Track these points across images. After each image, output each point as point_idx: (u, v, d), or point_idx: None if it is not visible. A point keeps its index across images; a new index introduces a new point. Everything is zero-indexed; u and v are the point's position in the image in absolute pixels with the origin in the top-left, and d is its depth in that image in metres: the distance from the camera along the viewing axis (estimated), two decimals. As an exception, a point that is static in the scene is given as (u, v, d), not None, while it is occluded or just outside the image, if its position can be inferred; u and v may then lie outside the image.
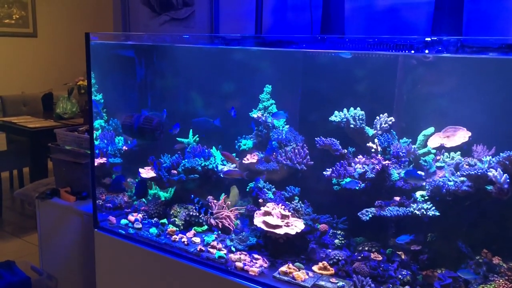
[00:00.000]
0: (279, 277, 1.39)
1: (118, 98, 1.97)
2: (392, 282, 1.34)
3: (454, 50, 1.31)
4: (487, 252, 1.31)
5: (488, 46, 1.31)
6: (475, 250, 1.32)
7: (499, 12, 1.80)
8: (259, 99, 1.72)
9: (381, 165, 1.37)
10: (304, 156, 1.58)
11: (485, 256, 1.31)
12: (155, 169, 1.73)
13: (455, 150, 1.43)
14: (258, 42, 1.73)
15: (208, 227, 1.67)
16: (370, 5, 2.09)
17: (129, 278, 1.70)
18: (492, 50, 1.30)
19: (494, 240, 1.30)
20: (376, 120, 1.49)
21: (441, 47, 1.33)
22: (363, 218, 1.37)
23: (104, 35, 1.75)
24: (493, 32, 1.83)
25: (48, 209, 2.75)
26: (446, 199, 1.33)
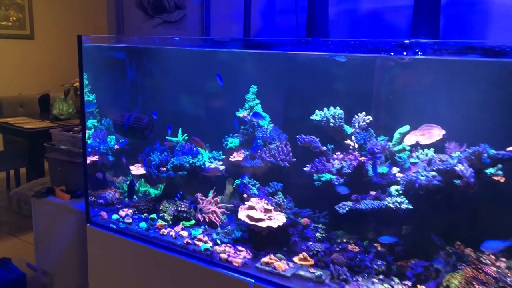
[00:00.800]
0: (261, 267, 1.46)
1: (110, 98, 2.03)
2: (368, 271, 1.41)
3: (431, 52, 1.39)
4: (460, 244, 1.39)
5: (461, 49, 1.38)
6: (446, 241, 1.40)
7: (476, 15, 1.88)
8: (245, 99, 1.79)
9: (358, 161, 1.44)
10: (287, 154, 1.65)
11: (457, 248, 1.39)
12: (145, 166, 1.81)
13: (430, 147, 1.50)
14: (245, 44, 1.80)
15: (196, 221, 1.74)
16: (354, 9, 2.17)
17: (119, 270, 1.76)
18: (465, 52, 1.37)
19: (463, 231, 1.37)
20: (354, 119, 1.56)
21: (418, 49, 1.40)
22: (340, 211, 1.45)
23: (96, 37, 1.81)
24: (470, 35, 1.91)
25: (43, 207, 2.81)
26: (419, 193, 1.40)
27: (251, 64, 1.84)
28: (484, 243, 1.27)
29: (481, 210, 1.35)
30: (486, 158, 1.27)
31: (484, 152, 1.27)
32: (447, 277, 1.35)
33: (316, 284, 1.38)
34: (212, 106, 1.87)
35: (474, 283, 1.30)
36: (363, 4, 2.14)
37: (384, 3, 2.07)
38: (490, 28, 1.85)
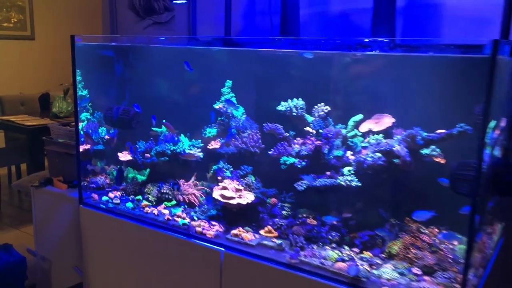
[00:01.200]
0: (230, 238, 1.67)
1: (101, 93, 2.24)
2: (323, 241, 1.61)
3: (387, 49, 1.58)
4: (409, 219, 1.59)
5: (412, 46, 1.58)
6: (391, 213, 1.60)
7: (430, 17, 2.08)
8: (221, 92, 1.99)
9: (314, 145, 1.65)
10: (256, 141, 1.86)
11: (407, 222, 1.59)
12: (131, 153, 2.01)
13: (381, 133, 1.70)
14: (225, 42, 2.01)
15: (177, 202, 1.94)
16: (324, 11, 2.37)
17: (109, 244, 1.97)
18: (416, 49, 1.57)
19: (405, 205, 1.57)
20: (314, 109, 1.76)
21: (374, 47, 1.60)
22: (299, 188, 1.65)
23: (87, 37, 2.02)
24: (426, 34, 2.11)
25: (42, 196, 3.01)
26: (367, 172, 1.61)
27: (227, 61, 2.05)
28: (414, 213, 1.47)
29: (418, 185, 1.56)
30: (420, 139, 1.47)
31: (417, 134, 1.47)
32: (390, 244, 1.55)
33: (277, 251, 1.59)
34: (193, 100, 2.08)
35: (411, 248, 1.51)
36: (333, 6, 2.35)
37: (350, 5, 2.27)
38: (443, 28, 2.06)
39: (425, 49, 1.50)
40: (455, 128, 1.42)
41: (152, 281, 1.84)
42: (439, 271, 1.43)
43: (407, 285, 1.38)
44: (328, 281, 1.43)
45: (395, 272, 1.44)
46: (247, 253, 1.59)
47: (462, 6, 1.99)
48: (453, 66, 1.46)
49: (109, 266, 1.98)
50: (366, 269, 1.44)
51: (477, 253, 1.39)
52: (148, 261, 1.83)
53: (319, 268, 1.48)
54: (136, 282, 1.89)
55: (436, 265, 1.44)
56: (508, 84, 1.31)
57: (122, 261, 1.93)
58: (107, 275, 2.00)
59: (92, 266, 2.05)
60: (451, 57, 1.44)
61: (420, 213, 1.45)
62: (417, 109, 1.66)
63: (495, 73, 1.09)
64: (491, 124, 1.26)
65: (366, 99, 1.79)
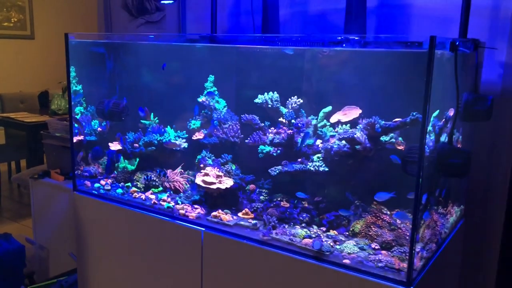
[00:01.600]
0: (210, 219, 1.83)
1: (93, 88, 2.40)
2: (294, 221, 1.77)
3: (358, 46, 1.73)
4: (376, 203, 1.74)
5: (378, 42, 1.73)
6: (356, 195, 1.75)
7: (400, 16, 2.23)
8: (204, 87, 2.15)
9: (286, 134, 1.80)
10: (236, 131, 2.02)
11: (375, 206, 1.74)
12: (121, 143, 2.17)
13: (348, 123, 1.86)
14: (211, 39, 2.16)
15: (163, 189, 2.10)
16: (304, 11, 2.53)
17: (101, 228, 2.13)
18: (381, 45, 1.72)
19: (368, 187, 1.73)
20: (288, 101, 1.92)
21: (345, 44, 1.75)
22: (272, 173, 1.81)
23: (80, 34, 2.18)
24: (396, 32, 2.26)
25: (40, 188, 3.17)
26: (335, 159, 1.76)
27: (210, 57, 2.20)
28: (376, 194, 1.63)
29: (379, 169, 1.71)
30: (378, 127, 1.62)
31: (376, 122, 1.62)
32: (354, 223, 1.71)
33: (252, 230, 1.75)
34: (178, 93, 2.23)
35: (372, 227, 1.66)
36: (311, 6, 2.50)
37: (327, 6, 2.42)
38: (411, 26, 2.21)
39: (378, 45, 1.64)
40: (409, 117, 1.57)
41: (139, 260, 1.99)
42: (396, 246, 1.58)
43: (365, 257, 1.53)
44: (296, 255, 1.58)
45: (356, 247, 1.59)
46: (225, 232, 1.75)
47: (428, 6, 2.15)
48: (407, 61, 1.61)
49: (101, 248, 2.14)
50: (330, 244, 1.59)
51: (426, 230, 1.55)
52: (136, 242, 1.99)
53: (288, 244, 1.63)
54: (125, 261, 2.05)
55: (393, 241, 1.60)
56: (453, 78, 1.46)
57: (113, 243, 2.08)
58: (99, 256, 2.16)
59: (85, 249, 2.20)
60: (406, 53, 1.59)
61: (381, 194, 1.60)
62: (380, 100, 1.82)
63: (432, 66, 1.24)
64: (435, 113, 1.41)
65: (336, 92, 1.94)
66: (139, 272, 2.01)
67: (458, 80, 1.45)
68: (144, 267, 1.98)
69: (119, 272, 2.09)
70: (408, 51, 1.51)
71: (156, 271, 1.95)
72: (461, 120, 1.65)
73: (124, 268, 2.06)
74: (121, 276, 2.09)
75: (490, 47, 1.90)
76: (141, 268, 2.00)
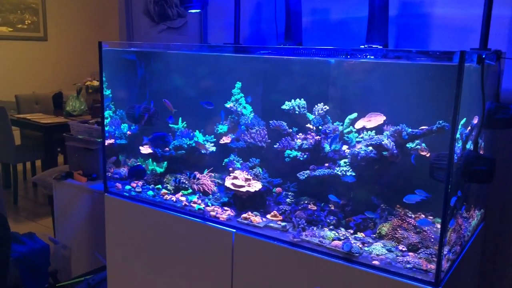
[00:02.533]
0: (240, 221, 1.90)
1: (123, 93, 2.49)
2: (322, 224, 1.85)
3: (378, 56, 1.81)
4: (400, 207, 1.81)
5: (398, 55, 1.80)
6: (381, 199, 1.83)
7: (420, 26, 2.30)
8: (232, 93, 2.23)
9: (314, 140, 1.88)
10: (263, 136, 2.10)
11: (399, 209, 1.81)
12: (152, 147, 2.26)
13: (373, 129, 1.93)
14: (233, 49, 2.24)
15: (192, 191, 2.18)
16: (325, 19, 2.60)
17: (131, 229, 2.21)
18: (400, 57, 1.79)
19: (395, 192, 1.80)
20: (314, 108, 2.00)
21: (367, 54, 1.83)
22: (300, 177, 1.89)
23: (112, 43, 2.26)
24: (417, 41, 2.34)
25: (63, 188, 3.26)
26: (361, 164, 1.84)
27: (237, 64, 2.28)
28: (405, 197, 1.70)
29: (405, 175, 1.79)
30: (405, 135, 1.70)
31: (402, 130, 1.70)
32: (380, 226, 1.78)
33: (281, 232, 1.82)
34: (206, 99, 2.31)
35: (398, 229, 1.74)
36: (333, 15, 2.58)
37: (348, 14, 2.50)
38: (431, 36, 2.28)
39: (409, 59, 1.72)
40: (435, 125, 1.65)
41: (169, 260, 2.08)
42: (423, 248, 1.66)
43: (393, 259, 1.61)
44: (326, 256, 1.66)
45: (383, 249, 1.67)
46: (255, 233, 1.82)
47: (449, 15, 2.22)
48: (433, 71, 1.69)
49: (131, 248, 2.22)
50: (359, 246, 1.67)
51: (452, 233, 1.62)
52: (167, 243, 2.07)
53: (318, 245, 1.71)
54: (155, 262, 2.13)
55: (419, 243, 1.67)
56: (477, 87, 1.53)
57: (143, 243, 2.16)
58: (129, 257, 2.24)
59: (115, 250, 2.28)
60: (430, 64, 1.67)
61: (411, 197, 1.68)
62: (405, 108, 1.89)
63: (462, 79, 1.31)
64: (462, 121, 1.49)
65: (361, 99, 2.02)
66: (169, 272, 2.09)
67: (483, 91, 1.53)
68: (175, 267, 2.07)
69: (149, 273, 2.17)
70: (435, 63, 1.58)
71: (186, 272, 2.03)
72: (484, 128, 1.72)
73: (154, 268, 2.15)
74: (151, 276, 2.17)
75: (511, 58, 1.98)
76: (172, 268, 2.08)
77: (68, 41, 7.42)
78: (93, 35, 7.50)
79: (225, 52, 2.15)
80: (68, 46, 7.41)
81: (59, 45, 7.35)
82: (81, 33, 7.49)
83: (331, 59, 1.96)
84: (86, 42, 7.46)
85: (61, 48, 7.36)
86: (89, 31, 7.57)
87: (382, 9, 2.07)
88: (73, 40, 7.43)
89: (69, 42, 7.42)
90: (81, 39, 7.49)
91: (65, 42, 7.39)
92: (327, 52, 1.85)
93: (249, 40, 2.82)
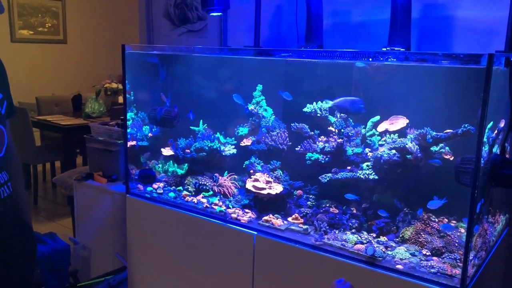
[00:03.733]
0: (262, 223, 1.91)
1: (144, 95, 2.51)
2: (344, 227, 1.84)
3: (401, 59, 1.80)
4: (427, 213, 1.80)
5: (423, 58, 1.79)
6: (404, 203, 1.82)
7: (443, 29, 2.28)
8: (253, 95, 2.23)
9: (336, 142, 1.88)
10: (284, 139, 2.10)
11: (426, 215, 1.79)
12: (173, 148, 2.27)
13: (396, 133, 1.92)
14: (255, 51, 2.25)
15: (213, 192, 2.19)
16: (346, 21, 2.59)
17: (153, 230, 2.23)
18: (426, 60, 1.78)
19: (418, 195, 1.79)
20: (337, 111, 1.99)
21: (391, 56, 1.82)
22: (322, 180, 1.88)
23: (135, 46, 2.28)
24: (440, 44, 2.31)
25: (83, 189, 3.28)
26: (384, 167, 1.83)
27: (258, 67, 2.29)
28: (429, 203, 1.69)
29: (427, 178, 1.77)
30: (429, 138, 1.68)
31: (427, 133, 1.68)
32: (403, 230, 1.77)
33: (303, 235, 1.82)
34: (227, 102, 2.32)
35: (421, 233, 1.72)
36: (354, 17, 2.57)
37: (370, 17, 2.48)
38: (454, 38, 2.26)
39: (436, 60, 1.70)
40: (460, 129, 1.63)
41: (190, 262, 2.09)
42: (447, 253, 1.64)
43: (417, 263, 1.59)
44: (348, 260, 1.65)
45: (407, 253, 1.65)
46: (277, 236, 1.82)
47: (472, 18, 2.19)
48: (457, 74, 1.67)
49: (152, 249, 2.24)
50: (382, 250, 1.66)
51: (478, 238, 1.60)
52: (187, 244, 2.08)
53: (341, 249, 1.70)
54: (176, 263, 2.14)
55: (443, 247, 1.66)
56: (504, 90, 1.52)
57: (164, 245, 2.18)
58: (150, 258, 2.26)
59: (136, 250, 2.30)
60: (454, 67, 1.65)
61: (434, 203, 1.66)
62: (428, 111, 1.88)
63: (490, 82, 1.30)
64: (489, 125, 1.47)
65: (383, 102, 2.01)
66: (190, 273, 2.10)
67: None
68: (195, 269, 2.07)
69: (170, 274, 2.19)
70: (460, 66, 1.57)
71: (207, 274, 2.04)
72: (510, 132, 1.69)
73: (175, 269, 2.16)
74: (172, 277, 2.18)
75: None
76: (192, 270, 2.09)
77: (87, 44, 7.51)
78: (112, 38, 7.59)
79: (247, 55, 2.16)
80: (87, 49, 7.50)
81: (78, 48, 7.45)
82: (100, 36, 7.59)
83: (353, 61, 1.95)
84: (105, 45, 7.56)
85: (80, 50, 7.45)
86: (108, 34, 7.66)
87: (405, 11, 2.06)
88: (92, 43, 7.53)
89: (88, 45, 7.52)
90: (100, 42, 7.58)
91: (84, 45, 7.49)
92: (350, 54, 1.85)
93: (269, 43, 2.83)
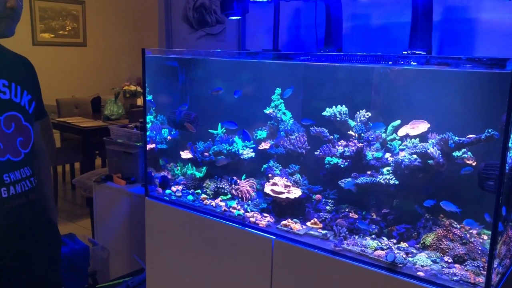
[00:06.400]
0: (280, 227, 1.90)
1: (164, 98, 2.52)
2: (363, 233, 1.82)
3: (423, 63, 1.78)
4: (443, 216, 1.77)
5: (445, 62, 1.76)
6: (425, 209, 1.79)
7: (465, 31, 2.25)
8: (271, 99, 2.23)
9: (356, 147, 1.86)
10: (303, 142, 2.08)
11: (441, 217, 1.77)
12: (192, 152, 2.28)
13: (417, 137, 1.89)
14: (274, 55, 2.24)
15: (231, 196, 2.19)
16: (366, 25, 2.57)
17: (171, 233, 2.23)
18: (448, 64, 1.75)
19: (439, 200, 1.76)
20: (356, 115, 1.97)
21: (411, 60, 1.80)
22: (342, 185, 1.87)
23: (154, 50, 2.30)
24: (461, 47, 2.28)
25: (102, 191, 3.32)
26: (405, 172, 1.80)
27: (277, 70, 2.28)
28: (442, 201, 1.66)
29: (449, 184, 1.74)
30: (452, 143, 1.66)
31: (449, 138, 1.66)
32: (424, 236, 1.74)
33: (322, 240, 1.81)
34: (245, 105, 2.32)
35: (443, 240, 1.69)
36: (373, 20, 2.55)
37: (390, 20, 2.46)
38: (477, 42, 2.22)
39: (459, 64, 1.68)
40: (483, 134, 1.60)
41: (208, 265, 2.09)
42: (469, 260, 1.61)
43: (438, 270, 1.57)
44: (368, 266, 1.63)
45: (428, 260, 1.63)
46: (295, 240, 1.81)
47: (494, 20, 2.16)
48: (479, 78, 1.64)
49: (171, 252, 2.24)
50: (403, 256, 1.64)
51: (502, 245, 1.57)
52: (206, 248, 2.08)
53: (361, 255, 1.68)
54: (195, 266, 2.15)
55: (466, 255, 1.63)
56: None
57: (183, 248, 2.18)
58: (169, 261, 2.26)
59: (155, 253, 2.31)
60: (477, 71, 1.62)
61: (447, 203, 1.64)
62: (450, 116, 1.85)
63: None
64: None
65: (404, 106, 1.98)
66: (208, 277, 2.10)
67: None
68: (213, 272, 2.07)
69: (188, 277, 2.19)
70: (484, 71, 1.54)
71: (225, 277, 2.04)
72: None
73: (193, 272, 2.16)
74: (190, 280, 2.18)
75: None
76: (210, 273, 2.09)
77: (107, 47, 7.61)
78: (131, 41, 7.67)
79: (266, 58, 2.16)
80: (106, 52, 7.60)
81: (98, 51, 7.55)
82: (119, 39, 7.68)
83: (373, 65, 1.94)
84: (123, 48, 7.65)
85: (99, 53, 7.56)
86: (127, 37, 7.75)
87: (426, 14, 2.03)
88: (111, 46, 7.63)
89: (108, 48, 7.62)
90: (119, 45, 7.67)
91: (104, 48, 7.59)
92: (370, 58, 1.83)
93: (288, 47, 2.82)
